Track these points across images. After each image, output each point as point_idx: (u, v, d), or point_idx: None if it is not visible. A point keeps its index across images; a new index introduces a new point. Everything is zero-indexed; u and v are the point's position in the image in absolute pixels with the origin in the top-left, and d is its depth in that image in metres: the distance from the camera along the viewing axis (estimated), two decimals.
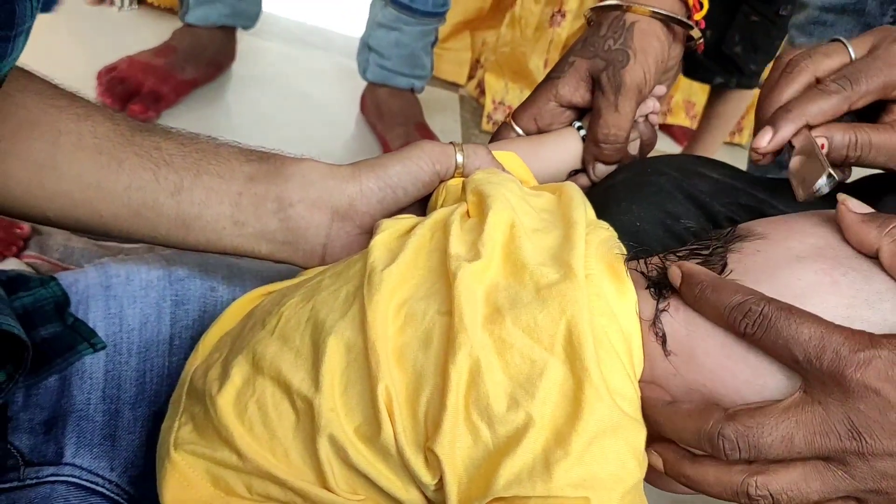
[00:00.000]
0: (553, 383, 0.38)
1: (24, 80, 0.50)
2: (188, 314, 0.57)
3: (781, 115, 0.52)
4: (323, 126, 1.58)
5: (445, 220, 0.47)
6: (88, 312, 0.54)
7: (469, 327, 0.39)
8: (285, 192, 0.52)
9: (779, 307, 0.38)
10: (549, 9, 1.68)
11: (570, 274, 0.41)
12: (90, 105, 0.51)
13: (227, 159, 0.52)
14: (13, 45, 0.39)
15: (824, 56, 0.53)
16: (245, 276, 0.61)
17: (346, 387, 0.41)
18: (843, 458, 0.36)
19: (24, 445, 0.48)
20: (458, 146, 0.55)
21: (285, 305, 0.46)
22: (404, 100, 1.58)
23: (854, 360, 0.35)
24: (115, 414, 0.52)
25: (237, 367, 0.44)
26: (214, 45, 1.51)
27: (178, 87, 1.43)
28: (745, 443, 0.37)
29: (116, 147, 0.50)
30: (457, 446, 0.38)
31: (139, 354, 0.54)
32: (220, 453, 0.43)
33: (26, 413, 0.50)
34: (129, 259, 0.59)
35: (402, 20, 1.48)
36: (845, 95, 0.51)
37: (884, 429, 0.35)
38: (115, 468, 0.50)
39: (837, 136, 0.51)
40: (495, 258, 0.43)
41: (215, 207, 0.51)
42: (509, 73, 1.76)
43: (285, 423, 0.42)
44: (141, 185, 0.50)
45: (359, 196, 0.52)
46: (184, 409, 0.46)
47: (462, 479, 0.38)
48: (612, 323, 0.41)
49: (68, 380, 0.51)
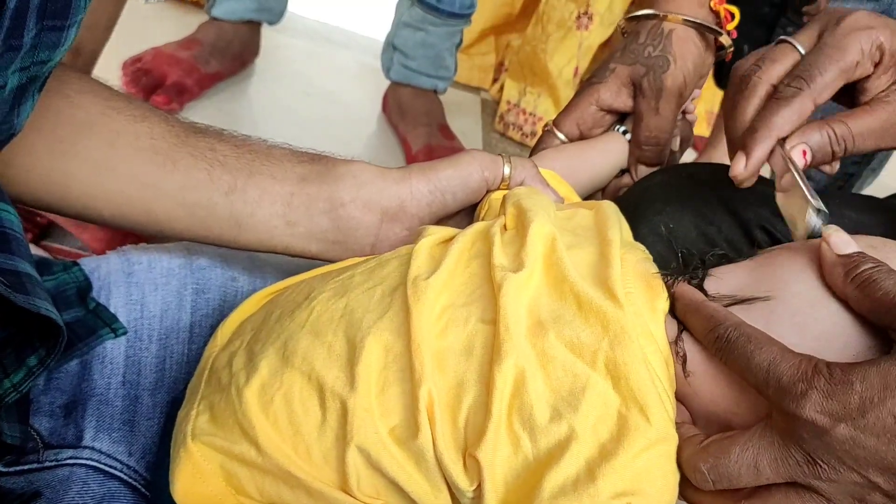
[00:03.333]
0: (596, 398, 0.39)
1: (81, 83, 0.51)
2: (209, 303, 0.57)
3: (749, 138, 0.50)
4: (344, 124, 1.58)
5: (486, 231, 0.47)
6: (110, 298, 0.55)
7: (514, 337, 0.40)
8: (336, 193, 0.52)
9: (742, 333, 0.39)
10: (575, 7, 1.66)
11: (611, 295, 0.41)
12: (145, 107, 0.52)
13: (280, 160, 0.53)
14: (66, 35, 0.39)
15: (773, 62, 0.51)
16: (265, 268, 0.61)
17: (384, 387, 0.41)
18: (809, 484, 0.36)
19: (43, 428, 0.49)
20: (506, 158, 0.56)
21: (316, 300, 0.45)
22: (427, 100, 1.58)
23: (791, 392, 0.35)
24: (135, 399, 0.52)
25: (266, 360, 0.43)
26: (239, 40, 1.52)
27: (202, 80, 1.43)
28: (716, 474, 0.37)
29: (172, 148, 0.51)
30: (497, 454, 0.38)
31: (160, 341, 0.54)
32: (238, 447, 0.42)
33: (47, 396, 0.50)
34: (150, 247, 0.59)
35: (428, 20, 1.48)
36: (805, 95, 0.49)
37: (831, 456, 0.35)
38: (133, 453, 0.50)
39: (814, 138, 0.49)
40: (537, 269, 0.43)
41: (268, 207, 0.52)
42: (529, 75, 1.75)
43: (311, 419, 0.41)
44: (195, 185, 0.51)
45: (409, 198, 0.53)
46: (202, 396, 0.45)
47: (500, 487, 0.38)
48: (651, 343, 0.41)
49: (89, 364, 0.52)
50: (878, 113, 0.50)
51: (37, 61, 0.38)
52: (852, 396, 0.34)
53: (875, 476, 0.34)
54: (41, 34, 0.37)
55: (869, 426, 0.34)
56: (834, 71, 0.48)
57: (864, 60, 0.48)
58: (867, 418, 0.34)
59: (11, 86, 0.38)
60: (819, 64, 0.48)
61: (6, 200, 0.40)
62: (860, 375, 0.34)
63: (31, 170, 0.49)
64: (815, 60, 0.49)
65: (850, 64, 0.48)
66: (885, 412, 0.34)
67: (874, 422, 0.34)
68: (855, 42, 0.48)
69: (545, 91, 1.75)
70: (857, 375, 0.34)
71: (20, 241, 0.40)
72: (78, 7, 0.39)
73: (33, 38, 0.36)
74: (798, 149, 0.49)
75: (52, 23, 0.38)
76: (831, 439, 0.34)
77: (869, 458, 0.34)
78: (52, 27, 0.38)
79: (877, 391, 0.34)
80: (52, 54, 0.39)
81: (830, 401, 0.34)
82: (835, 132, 0.50)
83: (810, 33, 0.51)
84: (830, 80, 0.48)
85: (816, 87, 0.48)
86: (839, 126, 0.50)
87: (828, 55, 0.49)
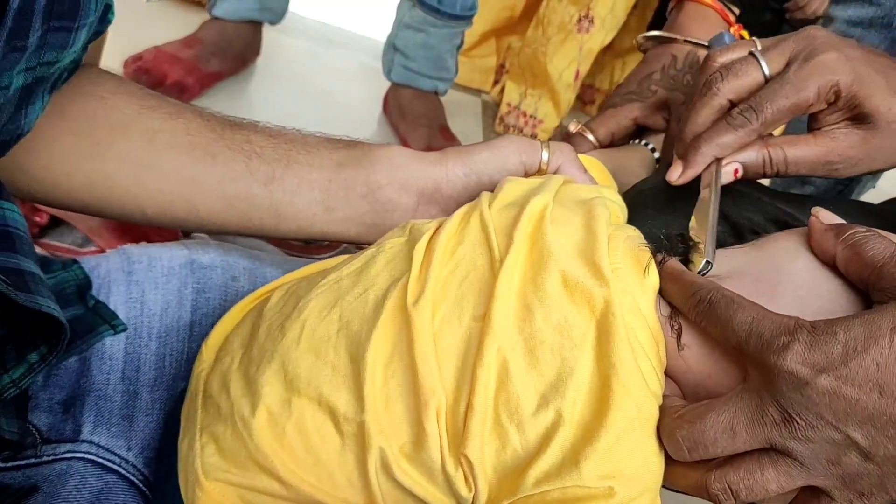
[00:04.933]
0: (583, 381, 0.38)
1: (114, 83, 0.52)
2: (209, 302, 0.57)
3: (693, 151, 0.53)
4: (345, 125, 1.57)
5: (470, 213, 0.46)
6: (110, 296, 0.55)
7: (496, 327, 0.39)
8: (373, 176, 0.53)
9: (723, 295, 0.39)
10: (575, 10, 1.66)
11: (597, 272, 0.41)
12: (179, 104, 0.53)
13: (316, 148, 0.54)
14: (75, 37, 0.40)
15: (736, 77, 0.52)
16: (266, 267, 0.61)
17: (388, 404, 0.40)
18: (784, 445, 0.36)
19: (42, 424, 0.49)
20: (544, 143, 0.55)
21: (306, 311, 0.44)
22: (427, 102, 1.58)
23: (774, 344, 0.36)
24: (134, 395, 0.52)
25: (268, 386, 0.42)
26: (240, 39, 1.52)
27: (203, 79, 1.44)
28: (691, 440, 0.38)
29: (209, 142, 0.51)
30: (486, 450, 0.38)
31: (159, 339, 0.54)
32: (259, 482, 0.41)
33: (46, 392, 0.50)
34: (151, 246, 0.59)
35: (429, 22, 1.48)
36: (752, 128, 0.51)
37: (809, 411, 0.35)
38: (131, 448, 0.50)
39: (750, 157, 0.53)
40: (524, 248, 0.43)
41: (306, 195, 0.52)
42: (530, 78, 1.75)
43: (329, 446, 0.40)
44: (234, 177, 0.51)
45: (444, 180, 0.53)
46: (202, 426, 0.44)
47: (492, 482, 0.38)
48: (639, 319, 0.41)
49: (88, 361, 0.52)
50: (819, 146, 0.53)
51: (43, 62, 0.39)
52: (835, 346, 0.35)
53: (853, 431, 0.35)
54: (47, 35, 0.37)
55: (851, 375, 0.34)
56: (786, 110, 0.51)
57: (818, 102, 0.51)
58: (849, 366, 0.34)
59: (16, 86, 0.38)
60: (774, 100, 0.51)
61: (9, 199, 0.41)
62: (844, 326, 0.35)
63: (71, 174, 0.49)
64: (771, 95, 0.51)
65: (804, 103, 0.51)
66: (869, 360, 0.34)
67: (857, 370, 0.34)
68: (814, 84, 0.50)
69: (546, 94, 1.74)
70: (841, 326, 0.35)
71: (24, 239, 0.40)
72: (88, 9, 0.39)
73: (39, 38, 0.37)
74: (731, 167, 0.53)
75: (59, 24, 0.38)
76: (812, 391, 0.35)
77: (849, 411, 0.34)
78: (59, 28, 0.38)
79: (860, 341, 0.35)
80: (60, 55, 0.39)
81: (813, 351, 0.35)
82: (770, 157, 0.53)
83: (780, 53, 0.52)
84: (781, 117, 0.51)
85: (765, 122, 0.51)
86: (776, 151, 0.53)
87: (785, 94, 0.51)
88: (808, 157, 0.53)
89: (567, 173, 0.54)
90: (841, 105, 0.51)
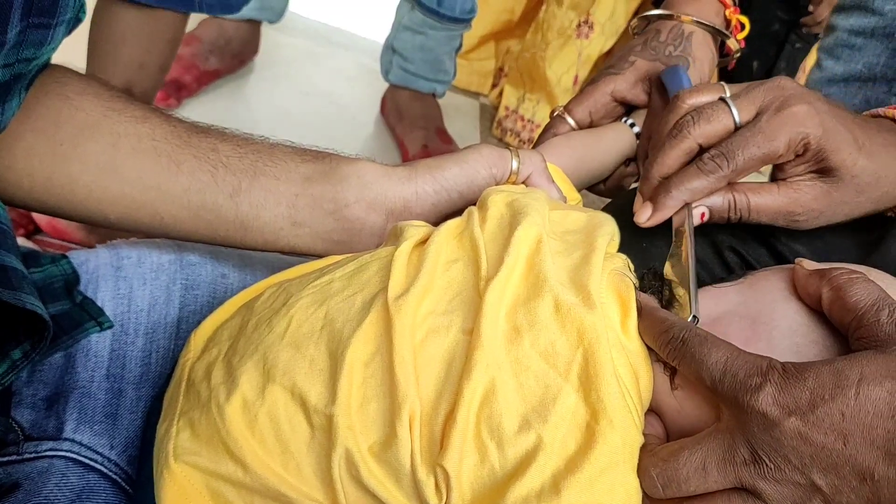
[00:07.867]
0: (566, 410, 0.39)
1: (81, 84, 0.51)
2: (197, 299, 0.57)
3: (663, 195, 0.53)
4: (342, 125, 1.58)
5: (462, 231, 0.47)
6: (97, 292, 0.54)
7: (486, 346, 0.39)
8: (341, 193, 0.52)
9: (696, 334, 0.39)
10: (575, 15, 1.66)
11: (589, 301, 0.41)
12: (146, 107, 0.52)
13: (283, 160, 0.53)
14: (53, 34, 0.39)
15: (707, 122, 0.52)
16: (256, 265, 0.61)
17: (363, 403, 0.40)
18: (754, 486, 0.36)
19: (24, 420, 0.48)
20: (514, 151, 0.55)
21: (294, 307, 0.44)
22: (425, 104, 1.58)
23: (747, 384, 0.36)
24: (118, 393, 0.51)
25: (246, 374, 0.42)
26: (239, 38, 1.52)
27: (201, 76, 1.44)
28: (665, 478, 0.38)
29: (175, 149, 0.50)
30: (464, 463, 0.38)
31: (146, 335, 0.54)
32: (223, 467, 0.41)
33: (29, 388, 0.50)
34: (140, 242, 0.59)
35: (428, 24, 1.48)
36: (721, 175, 0.51)
37: (777, 453, 0.35)
38: (114, 446, 0.49)
39: (716, 202, 0.53)
40: (518, 271, 0.43)
41: (273, 209, 0.52)
42: (528, 82, 1.75)
43: (299, 436, 0.41)
44: (200, 188, 0.51)
45: (414, 198, 0.53)
46: (181, 412, 0.44)
47: (467, 497, 0.38)
48: (622, 356, 0.41)
49: (73, 357, 0.51)
50: (783, 196, 0.53)
51: (21, 59, 0.38)
52: (804, 391, 0.35)
53: (818, 477, 0.35)
54: (26, 31, 0.37)
55: (817, 422, 0.34)
56: (756, 160, 0.51)
57: (787, 153, 0.51)
58: (816, 413, 0.34)
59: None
60: (746, 148, 0.51)
61: None
62: (814, 372, 0.35)
63: (33, 174, 0.49)
64: (743, 143, 0.51)
65: (774, 154, 0.51)
66: (835, 409, 0.34)
67: (822, 418, 0.34)
68: (785, 136, 0.50)
69: (544, 98, 1.75)
70: (811, 372, 0.35)
71: (6, 234, 0.40)
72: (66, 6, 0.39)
73: (17, 34, 0.36)
74: (699, 210, 0.53)
75: (38, 20, 0.37)
76: (780, 433, 0.35)
77: (814, 456, 0.35)
78: (37, 25, 0.38)
79: (828, 389, 0.35)
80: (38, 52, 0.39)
81: (783, 394, 0.35)
82: (735, 202, 0.53)
83: (751, 102, 0.52)
84: (751, 165, 0.51)
85: (736, 170, 0.51)
86: (741, 198, 0.53)
87: (756, 144, 0.51)
88: (772, 207, 0.53)
89: (535, 184, 0.55)
90: (808, 157, 0.51)
